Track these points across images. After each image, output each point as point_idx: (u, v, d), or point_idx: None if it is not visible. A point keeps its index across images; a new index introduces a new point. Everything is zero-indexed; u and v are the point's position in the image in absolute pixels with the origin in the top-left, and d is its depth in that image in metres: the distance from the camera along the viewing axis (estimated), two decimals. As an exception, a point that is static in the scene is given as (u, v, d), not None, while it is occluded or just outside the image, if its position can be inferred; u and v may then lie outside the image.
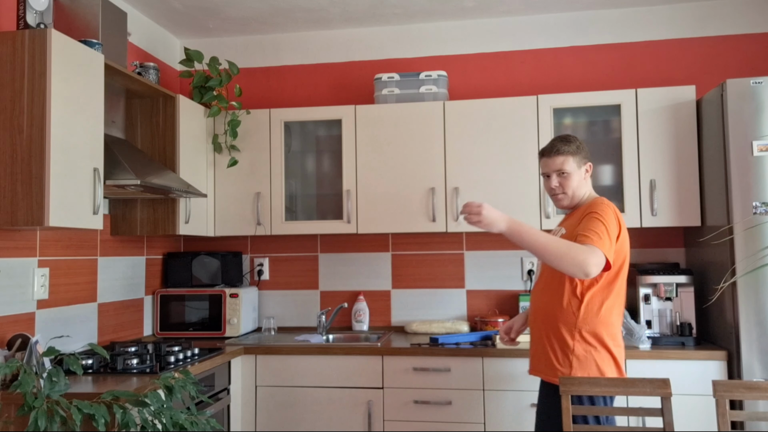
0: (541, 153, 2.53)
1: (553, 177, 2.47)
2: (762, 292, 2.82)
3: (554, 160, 2.46)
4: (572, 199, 2.48)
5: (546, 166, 2.50)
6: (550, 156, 2.47)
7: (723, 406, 2.20)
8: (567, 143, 2.47)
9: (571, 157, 2.45)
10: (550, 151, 2.47)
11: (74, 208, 2.46)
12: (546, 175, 2.51)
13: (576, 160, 2.46)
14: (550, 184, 2.49)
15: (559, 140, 2.49)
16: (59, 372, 2.11)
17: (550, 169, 2.48)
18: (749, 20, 3.60)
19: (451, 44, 3.88)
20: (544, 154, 2.50)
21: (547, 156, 2.49)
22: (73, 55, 2.49)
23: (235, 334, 3.59)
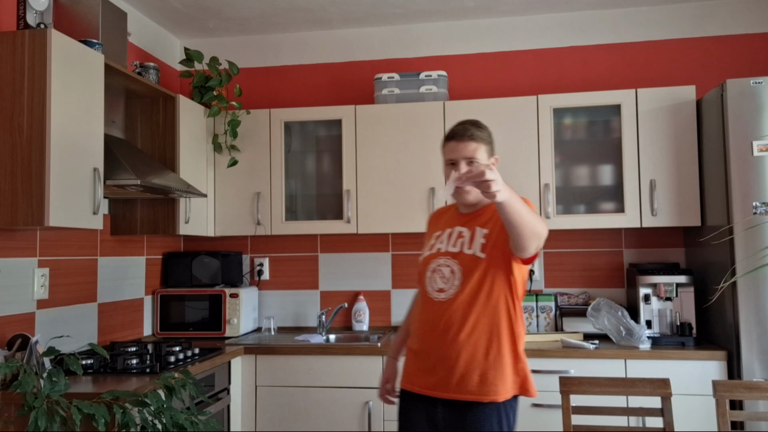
0: (450, 136, 2.16)
1: (461, 165, 2.10)
2: (762, 292, 2.82)
3: (466, 145, 2.10)
4: (478, 194, 2.11)
5: (454, 152, 2.12)
6: (461, 140, 2.11)
7: (723, 406, 2.20)
8: (480, 129, 2.15)
9: (483, 146, 2.13)
10: (462, 135, 2.11)
11: (74, 208, 2.46)
12: (452, 162, 2.13)
13: (488, 150, 2.15)
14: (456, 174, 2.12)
15: (471, 124, 2.16)
16: (59, 372, 2.11)
17: (459, 155, 2.11)
18: (749, 20, 3.60)
19: (451, 44, 3.88)
20: (454, 137, 2.14)
21: (457, 140, 2.12)
22: (73, 55, 2.49)
23: (235, 334, 3.59)
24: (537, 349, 3.08)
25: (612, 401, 2.56)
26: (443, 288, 2.10)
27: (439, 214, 2.36)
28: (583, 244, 3.68)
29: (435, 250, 2.17)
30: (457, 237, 2.14)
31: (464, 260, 2.07)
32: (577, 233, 3.66)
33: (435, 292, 2.12)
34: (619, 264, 3.65)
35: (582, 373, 2.97)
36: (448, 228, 2.20)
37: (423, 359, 2.13)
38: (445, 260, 2.12)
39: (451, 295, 2.07)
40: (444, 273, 2.11)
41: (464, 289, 2.06)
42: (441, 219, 2.30)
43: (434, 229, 2.27)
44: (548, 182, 3.36)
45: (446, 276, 2.10)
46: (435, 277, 2.13)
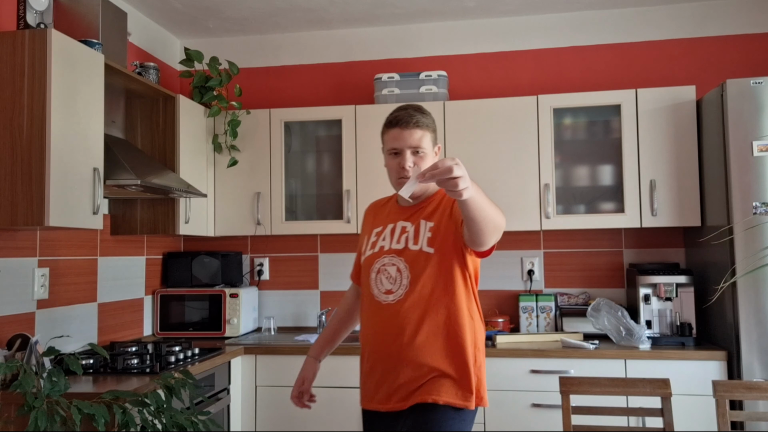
0: (393, 123, 1.99)
1: (406, 154, 1.96)
2: (762, 292, 2.82)
3: (412, 133, 1.96)
4: (424, 186, 2.00)
5: (398, 140, 1.97)
6: (406, 127, 1.96)
7: (723, 406, 2.20)
8: (425, 115, 2.01)
9: (429, 134, 1.99)
10: (408, 122, 1.96)
11: (74, 208, 2.46)
12: (394, 151, 1.99)
13: (432, 138, 2.02)
14: (402, 163, 1.97)
15: (415, 110, 2.01)
16: (59, 372, 2.11)
17: (404, 144, 1.96)
18: (749, 20, 3.60)
19: (451, 44, 3.88)
20: (398, 125, 1.98)
21: (401, 127, 1.97)
22: (73, 55, 2.49)
23: (235, 334, 3.59)
24: (537, 349, 3.08)
25: (612, 401, 2.56)
26: (391, 289, 1.95)
27: (377, 208, 2.18)
28: (583, 244, 3.68)
29: (378, 249, 2.02)
30: (400, 233, 2.00)
31: (411, 257, 1.94)
32: (577, 233, 3.66)
33: (382, 294, 1.96)
34: (619, 264, 3.65)
35: (582, 373, 2.97)
36: (389, 223, 2.05)
37: (377, 370, 1.97)
38: (390, 258, 1.97)
39: (401, 295, 1.93)
40: (390, 273, 1.96)
41: (414, 288, 1.92)
42: (380, 213, 2.14)
43: (373, 225, 2.10)
44: (548, 182, 3.36)
45: (393, 276, 1.95)
46: (381, 278, 1.98)
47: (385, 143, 2.03)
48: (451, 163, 1.47)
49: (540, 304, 3.50)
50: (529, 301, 3.51)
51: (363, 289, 2.06)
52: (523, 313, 3.50)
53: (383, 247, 2.00)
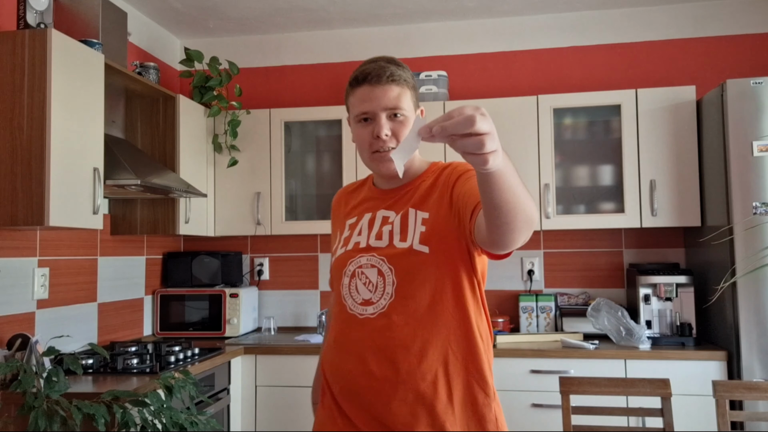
0: (361, 79, 1.51)
1: (381, 119, 1.48)
2: (762, 292, 2.82)
3: (386, 90, 1.48)
4: (410, 160, 1.57)
5: (368, 101, 1.49)
6: (378, 83, 1.48)
7: (723, 407, 2.20)
8: (401, 67, 1.53)
9: (409, 91, 1.52)
10: (380, 77, 1.48)
11: (74, 208, 2.46)
12: (364, 116, 1.50)
13: (414, 97, 1.55)
14: (376, 132, 1.48)
15: (388, 61, 1.53)
16: (59, 372, 2.11)
17: (378, 105, 1.48)
18: (749, 20, 3.60)
19: (451, 44, 3.88)
20: (368, 81, 1.49)
21: (373, 83, 1.49)
22: (73, 55, 2.49)
23: (235, 334, 3.59)
24: (537, 349, 3.08)
25: (612, 401, 2.56)
26: (370, 299, 1.47)
27: (348, 195, 1.71)
28: (583, 244, 3.68)
29: (351, 246, 1.55)
30: (381, 224, 1.53)
31: (397, 257, 1.46)
32: (577, 233, 3.66)
33: (358, 305, 1.49)
34: (619, 264, 3.65)
35: (582, 373, 2.97)
36: (366, 213, 1.59)
37: (348, 407, 1.49)
38: (369, 258, 1.50)
39: (383, 307, 1.45)
40: (369, 277, 1.49)
41: (403, 298, 1.44)
42: (352, 200, 1.68)
43: (345, 216, 1.65)
44: (548, 182, 3.36)
45: (373, 281, 1.48)
46: (356, 284, 1.50)
47: (351, 108, 1.53)
48: (473, 111, 0.93)
49: (540, 304, 3.50)
50: (529, 301, 3.51)
51: (334, 299, 1.60)
52: (523, 313, 3.50)
53: (358, 244, 1.54)
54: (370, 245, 1.52)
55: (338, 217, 1.70)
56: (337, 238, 1.65)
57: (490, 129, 0.95)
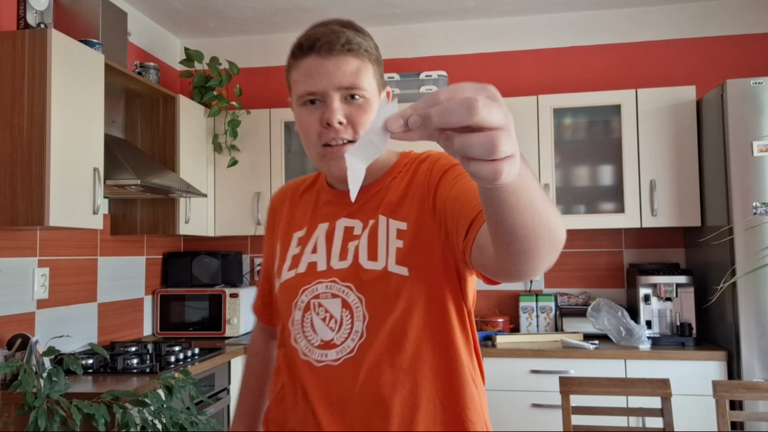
0: (306, 47, 1.16)
1: (333, 102, 1.13)
2: (762, 292, 2.82)
3: (341, 63, 1.13)
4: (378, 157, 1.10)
5: (316, 76, 1.14)
6: (330, 53, 1.13)
7: (723, 407, 2.20)
8: (361, 34, 1.19)
9: (371, 66, 1.17)
10: (332, 44, 1.14)
11: (74, 208, 2.46)
12: (310, 97, 1.15)
13: (378, 73, 1.20)
14: (327, 118, 1.13)
15: (343, 25, 1.19)
16: (59, 372, 2.11)
17: (329, 83, 1.13)
18: (749, 20, 3.60)
19: (451, 44, 3.88)
20: (316, 50, 1.14)
21: (323, 53, 1.13)
22: (73, 55, 2.49)
23: (235, 334, 3.59)
24: (537, 349, 3.08)
25: (612, 401, 2.56)
26: (332, 340, 1.12)
27: (293, 195, 1.33)
28: (583, 244, 3.68)
29: (304, 267, 1.19)
30: (344, 238, 1.18)
31: (368, 283, 1.12)
32: (577, 233, 3.66)
33: (315, 349, 1.14)
34: (619, 264, 3.65)
35: (582, 373, 2.97)
36: (322, 222, 1.22)
37: None
38: (330, 286, 1.15)
39: (351, 351, 1.11)
40: (331, 311, 1.13)
41: (376, 337, 1.11)
42: (301, 203, 1.29)
43: (292, 225, 1.27)
44: (548, 182, 3.36)
45: (336, 316, 1.13)
46: (312, 321, 1.15)
47: (293, 85, 1.17)
48: (475, 92, 0.61)
49: (540, 304, 3.50)
50: (529, 301, 3.51)
51: (280, 338, 1.23)
52: (523, 313, 3.50)
53: (315, 266, 1.18)
54: (331, 267, 1.15)
55: (279, 224, 1.31)
56: (278, 255, 1.25)
57: (503, 120, 0.61)
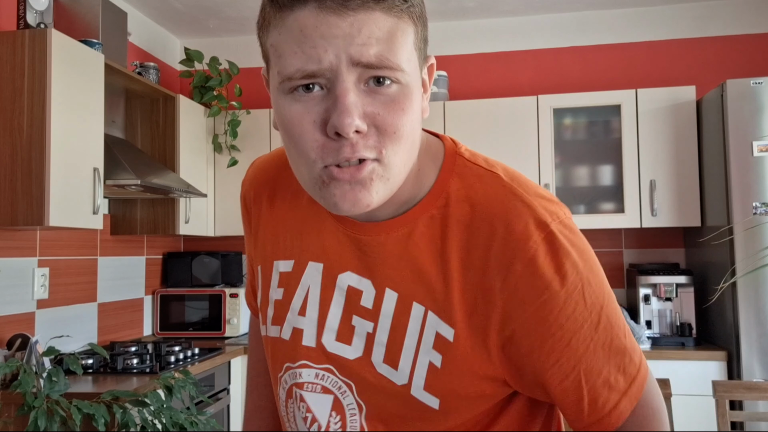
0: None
1: (347, 90, 0.66)
2: (762, 292, 2.82)
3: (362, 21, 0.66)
4: (398, 183, 0.73)
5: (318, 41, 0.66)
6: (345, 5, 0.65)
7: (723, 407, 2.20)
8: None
9: (412, 26, 0.70)
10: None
11: (74, 208, 2.46)
12: (304, 81, 0.67)
13: (420, 37, 0.72)
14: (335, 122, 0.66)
15: None
16: (59, 372, 2.11)
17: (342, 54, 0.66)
18: (749, 20, 3.59)
19: (451, 44, 3.88)
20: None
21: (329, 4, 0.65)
22: (73, 55, 2.49)
23: (235, 334, 3.59)
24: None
25: (612, 401, 2.55)
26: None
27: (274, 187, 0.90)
28: (583, 244, 3.68)
29: (289, 333, 0.83)
30: (345, 307, 0.80)
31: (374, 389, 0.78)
32: (577, 233, 3.66)
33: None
34: (619, 264, 3.64)
35: (582, 373, 2.96)
36: (312, 260, 0.83)
37: None
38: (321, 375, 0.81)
39: None
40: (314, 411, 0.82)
41: None
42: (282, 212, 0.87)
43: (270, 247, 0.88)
44: (548, 182, 3.36)
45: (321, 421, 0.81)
46: (294, 414, 0.84)
47: (274, 56, 0.70)
48: None
49: (540, 304, 3.49)
50: None
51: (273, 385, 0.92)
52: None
53: (300, 336, 0.82)
54: (324, 348, 0.80)
55: (254, 225, 0.92)
56: (259, 279, 0.89)
57: None
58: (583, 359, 0.71)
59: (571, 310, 0.70)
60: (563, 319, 0.70)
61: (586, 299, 0.72)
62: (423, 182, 0.77)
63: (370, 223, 0.78)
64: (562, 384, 0.72)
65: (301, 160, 0.71)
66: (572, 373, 0.71)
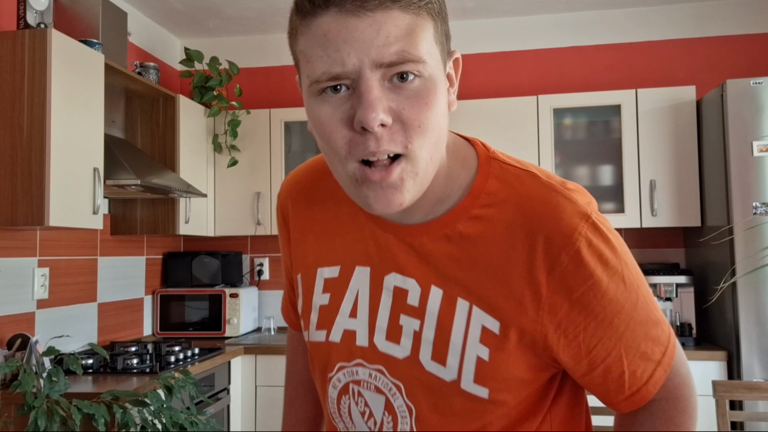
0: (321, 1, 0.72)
1: (371, 88, 0.69)
2: (762, 292, 2.82)
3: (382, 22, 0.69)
4: (428, 179, 0.76)
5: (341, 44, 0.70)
6: (363, 4, 0.69)
7: (723, 407, 2.20)
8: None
9: (432, 22, 0.74)
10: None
11: (74, 208, 2.46)
12: (331, 83, 0.72)
13: (441, 31, 0.77)
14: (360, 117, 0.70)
15: None
16: (59, 372, 2.11)
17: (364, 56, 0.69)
18: (749, 20, 3.59)
19: (451, 44, 3.87)
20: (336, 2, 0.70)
21: (349, 8, 0.69)
22: (73, 55, 2.49)
23: (235, 334, 3.59)
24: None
25: (612, 401, 2.55)
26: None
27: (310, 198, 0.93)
28: (583, 244, 3.68)
29: (339, 336, 0.86)
30: (392, 307, 0.82)
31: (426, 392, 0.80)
32: (577, 233, 3.66)
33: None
34: (619, 264, 3.64)
35: (582, 373, 2.96)
36: (360, 264, 0.85)
37: None
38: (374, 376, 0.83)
39: None
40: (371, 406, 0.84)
41: None
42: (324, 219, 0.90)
43: (312, 255, 0.91)
44: (548, 182, 3.36)
45: (376, 417, 0.84)
46: (351, 408, 0.86)
47: (303, 62, 0.78)
48: None
49: (540, 304, 3.50)
50: None
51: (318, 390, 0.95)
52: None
53: (353, 338, 0.85)
54: (375, 346, 0.83)
55: (293, 235, 0.94)
56: (299, 288, 0.92)
57: None
58: (624, 336, 0.77)
59: (612, 293, 0.76)
60: (606, 302, 0.76)
61: (626, 281, 0.77)
62: (455, 182, 0.81)
63: (412, 225, 0.81)
64: (605, 361, 0.77)
65: (335, 158, 0.75)
66: (614, 349, 0.77)
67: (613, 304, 0.76)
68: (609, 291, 0.76)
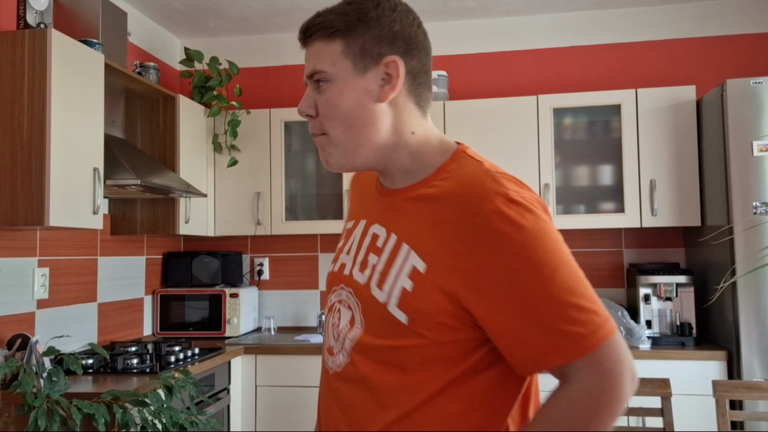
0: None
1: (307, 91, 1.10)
2: (762, 292, 2.82)
3: (309, 51, 1.08)
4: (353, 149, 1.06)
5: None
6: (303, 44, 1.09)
7: (723, 406, 2.20)
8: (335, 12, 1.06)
9: (339, 40, 1.04)
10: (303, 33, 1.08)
11: (74, 208, 2.46)
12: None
13: (345, 46, 1.04)
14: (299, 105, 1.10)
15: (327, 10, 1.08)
16: (59, 372, 2.11)
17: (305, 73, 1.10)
18: (749, 20, 3.59)
19: (451, 44, 3.88)
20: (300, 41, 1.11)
21: (302, 46, 1.10)
22: (73, 55, 2.49)
23: (235, 334, 3.59)
24: (537, 349, 3.08)
25: (612, 401, 2.55)
26: (332, 347, 1.10)
27: (360, 181, 1.27)
28: (583, 244, 3.68)
29: (338, 267, 1.16)
30: (369, 247, 1.09)
31: (370, 309, 1.04)
32: (577, 233, 3.66)
33: (326, 351, 1.12)
34: (619, 264, 3.65)
35: (582, 373, 2.96)
36: (362, 218, 1.15)
37: None
38: (347, 295, 1.10)
39: (340, 366, 1.07)
40: (341, 319, 1.10)
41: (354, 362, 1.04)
42: (360, 191, 1.24)
43: (349, 214, 1.25)
44: (548, 182, 3.36)
45: (340, 326, 1.09)
46: (330, 323, 1.13)
47: None
48: None
49: (540, 304, 3.49)
50: None
51: None
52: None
53: (344, 268, 1.13)
54: (352, 275, 1.09)
55: (351, 206, 1.27)
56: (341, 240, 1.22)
57: None
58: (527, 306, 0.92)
59: (516, 263, 0.93)
60: (507, 269, 0.93)
61: (533, 257, 0.92)
62: (426, 163, 1.07)
63: (394, 189, 1.10)
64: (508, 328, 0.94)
65: None
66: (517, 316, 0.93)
67: (515, 272, 0.92)
68: (512, 260, 0.92)
